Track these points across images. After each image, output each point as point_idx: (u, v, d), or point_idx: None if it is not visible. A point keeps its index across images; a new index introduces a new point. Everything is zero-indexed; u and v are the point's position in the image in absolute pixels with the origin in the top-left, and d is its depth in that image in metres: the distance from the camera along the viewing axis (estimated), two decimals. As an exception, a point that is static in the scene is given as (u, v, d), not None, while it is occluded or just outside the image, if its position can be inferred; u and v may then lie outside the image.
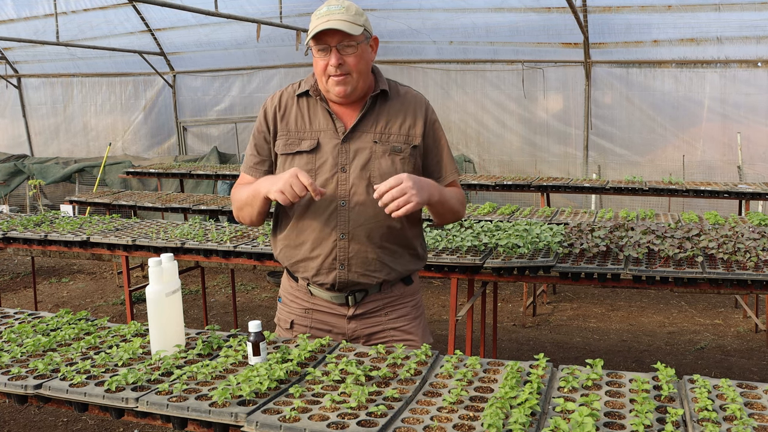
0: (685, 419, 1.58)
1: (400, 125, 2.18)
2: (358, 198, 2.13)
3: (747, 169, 8.01)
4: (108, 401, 1.76)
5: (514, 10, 8.23)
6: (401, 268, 2.23)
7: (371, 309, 2.23)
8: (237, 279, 7.34)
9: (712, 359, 4.98)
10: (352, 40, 2.05)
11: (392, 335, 2.25)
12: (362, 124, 2.16)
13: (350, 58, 2.07)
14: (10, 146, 12.52)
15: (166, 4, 7.30)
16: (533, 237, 3.51)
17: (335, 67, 2.05)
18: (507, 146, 9.36)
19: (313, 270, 2.18)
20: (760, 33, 7.59)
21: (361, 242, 2.14)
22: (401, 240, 2.21)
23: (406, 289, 2.29)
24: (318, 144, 2.15)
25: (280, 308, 2.37)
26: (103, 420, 4.12)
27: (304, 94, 2.21)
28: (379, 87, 2.18)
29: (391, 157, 2.14)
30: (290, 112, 2.20)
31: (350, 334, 2.24)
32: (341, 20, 2.02)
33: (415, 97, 2.24)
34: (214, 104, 11.07)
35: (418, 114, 2.20)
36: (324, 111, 2.17)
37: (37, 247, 4.42)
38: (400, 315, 2.26)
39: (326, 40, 2.05)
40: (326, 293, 2.22)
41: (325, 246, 2.15)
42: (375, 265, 2.17)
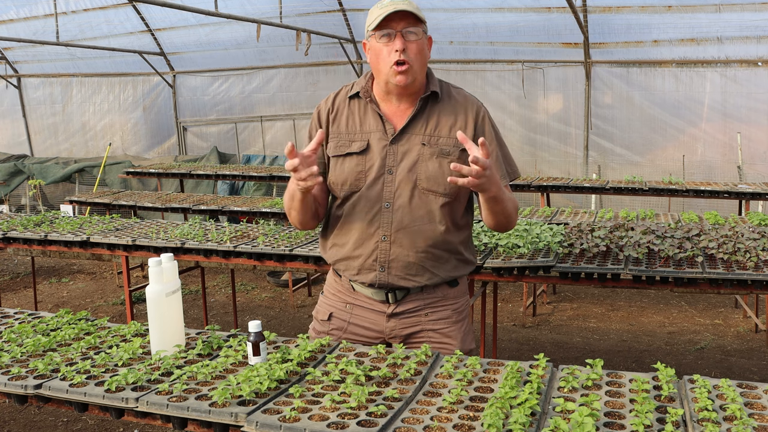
0: (685, 419, 1.58)
1: (450, 127, 2.14)
2: (402, 201, 2.11)
3: (747, 169, 8.01)
4: (108, 401, 1.76)
5: (514, 10, 8.23)
6: (444, 274, 2.18)
7: (411, 308, 2.20)
8: (237, 279, 7.34)
9: (712, 359, 4.98)
10: (417, 27, 2.05)
11: (430, 336, 2.21)
12: (412, 126, 2.14)
13: (413, 46, 2.05)
14: (10, 146, 12.52)
15: (166, 4, 7.30)
16: (533, 237, 3.51)
17: (400, 52, 2.03)
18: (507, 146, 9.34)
19: (355, 269, 2.17)
20: (760, 33, 7.58)
21: (402, 245, 2.12)
22: (446, 245, 2.16)
23: (450, 291, 2.23)
24: (368, 145, 2.14)
25: (321, 301, 2.35)
26: (103, 420, 4.11)
27: (355, 96, 2.20)
28: (430, 88, 2.16)
29: (438, 159, 2.11)
30: (342, 114, 2.20)
31: (388, 332, 2.22)
32: (409, 6, 2.03)
33: (467, 99, 2.21)
34: (214, 104, 11.07)
35: (469, 116, 2.17)
36: (374, 113, 2.16)
37: (37, 247, 4.42)
38: (441, 317, 2.21)
39: (392, 24, 2.03)
40: (368, 289, 2.20)
41: (366, 246, 2.14)
42: (415, 269, 2.14)
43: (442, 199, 2.11)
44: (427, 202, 2.11)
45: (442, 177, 2.08)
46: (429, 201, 2.11)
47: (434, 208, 2.11)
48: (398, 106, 2.16)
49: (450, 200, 2.13)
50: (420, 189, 2.10)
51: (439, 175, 2.09)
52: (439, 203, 2.11)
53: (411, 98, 2.15)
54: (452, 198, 2.13)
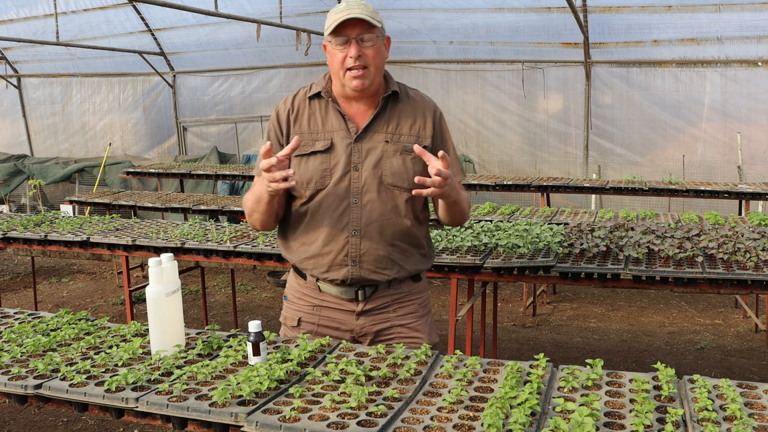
0: (685, 419, 1.58)
1: (410, 126, 2.22)
2: (370, 196, 2.16)
3: (747, 169, 8.01)
4: (108, 401, 1.76)
5: (514, 10, 8.23)
6: (410, 267, 2.26)
7: (380, 305, 2.25)
8: (237, 279, 7.34)
9: (712, 359, 4.98)
10: (372, 33, 2.10)
11: (399, 332, 2.27)
12: (374, 124, 2.20)
13: (369, 51, 2.10)
14: (10, 146, 12.52)
15: (166, 4, 7.30)
16: (533, 237, 3.51)
17: (354, 59, 2.08)
18: (507, 146, 9.35)
19: (325, 266, 2.20)
20: (760, 33, 7.58)
21: (372, 239, 2.17)
22: (411, 239, 2.24)
23: (414, 286, 2.31)
24: (332, 144, 2.18)
25: (287, 306, 2.37)
26: (103, 420, 4.12)
27: (316, 96, 2.24)
28: (390, 88, 2.22)
29: (402, 156, 2.18)
30: (303, 114, 2.23)
31: (358, 330, 2.26)
32: (362, 13, 2.07)
33: (424, 99, 2.29)
34: (214, 104, 11.07)
35: (428, 116, 2.25)
36: (336, 112, 2.21)
37: (37, 247, 4.42)
38: (408, 312, 2.29)
39: (346, 32, 2.09)
40: (335, 289, 2.23)
41: (337, 242, 2.18)
42: (385, 263, 2.20)
43: (406, 194, 2.18)
44: (393, 197, 2.18)
45: (406, 173, 2.16)
46: (395, 196, 2.18)
47: (400, 202, 2.19)
48: (359, 106, 2.22)
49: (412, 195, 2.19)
50: (385, 185, 2.17)
51: (403, 171, 2.17)
52: (404, 198, 2.19)
53: (370, 99, 2.21)
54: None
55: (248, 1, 8.93)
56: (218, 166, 8.46)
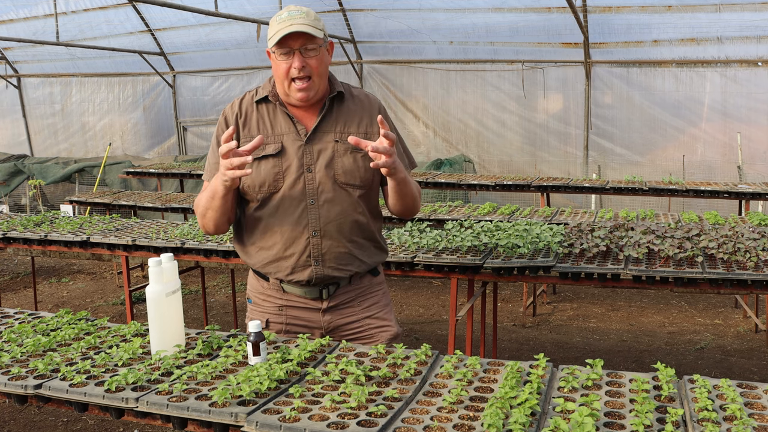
0: (685, 419, 1.58)
1: (357, 124, 2.26)
2: (326, 196, 2.20)
3: (747, 169, 8.01)
4: (108, 401, 1.76)
5: (514, 10, 8.23)
6: (369, 260, 2.32)
7: (344, 300, 2.31)
8: (237, 279, 7.34)
9: (712, 359, 4.98)
10: (314, 43, 2.12)
11: (368, 323, 2.33)
12: (322, 125, 2.23)
13: (312, 61, 2.13)
14: (10, 146, 12.52)
15: (166, 4, 7.30)
16: (533, 237, 3.51)
17: (298, 70, 2.11)
18: (507, 146, 9.36)
19: (288, 269, 2.23)
20: (760, 33, 7.58)
21: (332, 237, 2.22)
22: (367, 233, 2.30)
23: (374, 279, 2.39)
24: (282, 147, 2.21)
25: (251, 309, 2.40)
26: (103, 420, 4.12)
27: (263, 100, 2.26)
28: (335, 89, 2.25)
29: (352, 154, 2.22)
30: (251, 119, 2.25)
31: (326, 326, 2.31)
32: (304, 24, 2.09)
33: (368, 97, 2.34)
34: (214, 104, 11.07)
35: (374, 112, 2.29)
36: (284, 115, 2.23)
37: (37, 247, 4.42)
38: (373, 303, 2.36)
39: (289, 43, 2.11)
40: (300, 289, 2.27)
41: (298, 244, 2.21)
42: (347, 259, 2.25)
43: (359, 191, 2.24)
44: (347, 194, 2.22)
45: (358, 171, 2.21)
46: (349, 193, 2.23)
47: (354, 199, 2.24)
48: (305, 108, 2.24)
49: (365, 191, 2.26)
50: (339, 183, 2.21)
51: (354, 169, 2.21)
52: (357, 194, 2.24)
53: (317, 101, 2.23)
54: (367, 189, 2.28)
55: (248, 1, 8.93)
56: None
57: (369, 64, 9.89)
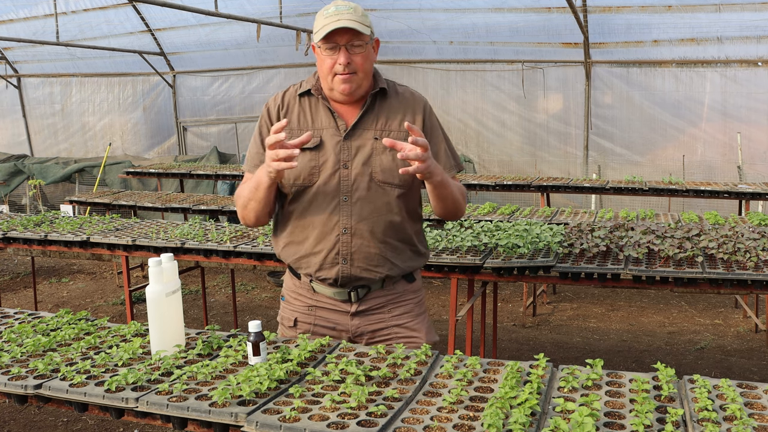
0: (685, 419, 1.58)
1: (399, 122, 2.21)
2: (360, 193, 2.16)
3: (747, 169, 8.01)
4: (108, 401, 1.76)
5: (514, 10, 8.23)
6: (403, 264, 2.25)
7: (374, 306, 2.25)
8: (237, 279, 7.34)
9: (712, 359, 4.98)
10: (360, 40, 2.09)
11: (396, 332, 2.26)
12: (363, 121, 2.20)
13: (357, 57, 2.10)
14: (10, 146, 12.52)
15: (166, 4, 7.30)
16: (533, 237, 3.51)
17: (343, 66, 2.08)
18: (507, 146, 9.36)
19: (316, 265, 2.19)
20: (760, 33, 7.58)
21: (363, 237, 2.16)
22: (402, 235, 2.23)
23: (409, 286, 2.31)
24: (321, 141, 2.18)
25: (283, 306, 2.38)
26: (103, 420, 4.12)
27: (306, 94, 2.24)
28: (378, 85, 2.22)
29: (392, 152, 2.16)
30: (293, 111, 2.23)
31: (353, 330, 2.26)
32: (351, 20, 2.06)
33: (413, 95, 2.29)
34: (214, 104, 11.07)
35: (417, 111, 2.24)
36: (325, 109, 2.21)
37: (37, 247, 4.42)
38: (404, 312, 2.28)
39: (335, 39, 2.08)
40: (329, 289, 2.23)
41: (327, 241, 2.17)
42: (377, 260, 2.19)
43: (398, 190, 2.19)
44: (383, 193, 2.17)
45: (396, 169, 2.14)
46: (386, 192, 2.18)
47: (391, 199, 2.18)
48: (347, 103, 2.22)
49: (405, 191, 2.21)
50: (376, 182, 2.17)
51: (393, 167, 2.16)
52: (395, 194, 2.19)
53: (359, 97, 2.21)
54: (407, 189, 2.21)
55: (248, 1, 8.93)
56: (218, 166, 8.46)
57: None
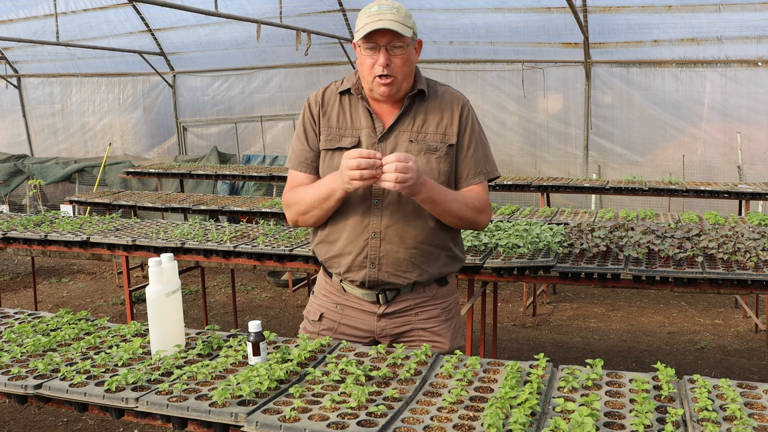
0: (685, 419, 1.58)
1: (437, 124, 2.19)
2: (391, 197, 2.13)
3: (747, 169, 8.01)
4: (108, 401, 1.76)
5: (514, 10, 8.23)
6: (434, 270, 2.22)
7: (402, 308, 2.23)
8: (237, 279, 7.34)
9: (712, 359, 4.98)
10: (401, 41, 2.06)
11: (420, 335, 2.24)
12: (399, 123, 2.17)
13: (397, 59, 2.08)
14: (10, 146, 12.52)
15: (166, 4, 7.30)
16: (533, 237, 3.51)
17: (383, 67, 2.06)
18: (507, 146, 9.36)
19: (345, 266, 2.19)
20: (760, 33, 7.58)
21: (392, 242, 2.14)
22: (435, 241, 2.19)
23: (439, 290, 2.27)
24: (359, 142, 2.17)
25: (311, 301, 2.37)
26: (103, 420, 4.11)
27: (346, 92, 2.22)
28: (417, 87, 2.18)
29: (426, 156, 2.15)
30: (332, 109, 2.22)
31: (378, 332, 2.25)
32: (393, 20, 2.03)
33: (453, 96, 2.24)
34: (214, 104, 11.07)
35: (455, 112, 2.21)
36: (364, 109, 2.19)
37: (37, 247, 4.42)
38: (431, 316, 2.25)
39: (376, 39, 2.05)
40: (358, 290, 2.23)
41: (356, 243, 2.16)
42: (406, 266, 2.17)
43: None
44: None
45: (431, 173, 2.12)
46: None
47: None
48: (387, 104, 2.20)
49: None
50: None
51: (427, 171, 2.12)
52: None
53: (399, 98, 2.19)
54: None
55: (248, 1, 8.93)
56: (218, 166, 8.46)
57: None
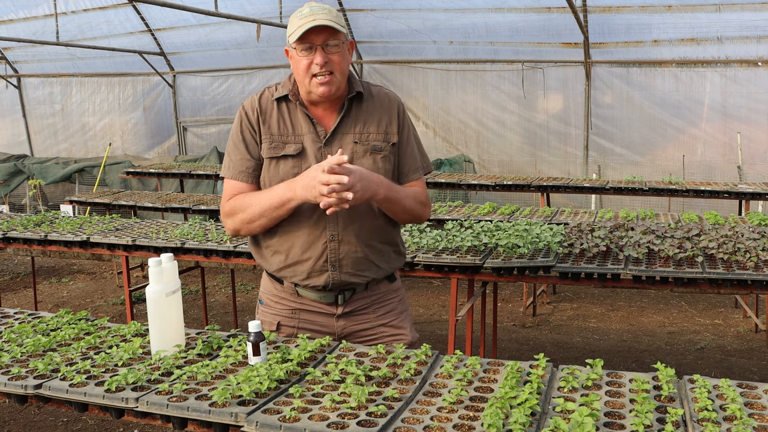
0: (685, 419, 1.58)
1: (377, 124, 2.22)
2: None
3: (747, 169, 8.01)
4: (108, 401, 1.76)
5: (514, 10, 8.24)
6: (387, 266, 2.27)
7: (359, 307, 2.26)
8: (237, 279, 7.34)
9: (712, 359, 4.98)
10: (337, 39, 2.09)
11: (382, 331, 2.29)
12: (341, 126, 2.19)
13: (335, 57, 2.09)
14: (10, 146, 12.53)
15: (166, 4, 7.30)
16: (533, 237, 3.51)
17: (320, 66, 2.07)
18: (507, 146, 9.36)
19: (304, 273, 2.19)
20: (760, 33, 7.59)
21: (350, 242, 2.17)
22: (386, 238, 2.25)
23: (391, 285, 2.33)
24: (302, 148, 2.17)
25: (263, 311, 2.35)
26: (103, 420, 4.12)
27: (284, 99, 2.21)
28: (354, 89, 2.20)
29: (372, 156, 2.18)
30: (271, 116, 2.20)
31: (339, 332, 2.27)
32: (327, 19, 2.05)
33: (388, 96, 2.28)
34: (214, 104, 11.08)
35: (393, 112, 2.25)
36: (304, 115, 2.19)
37: (37, 247, 4.42)
38: (388, 311, 2.31)
39: (311, 38, 2.07)
40: (315, 294, 2.23)
41: (315, 249, 2.16)
42: (364, 265, 2.20)
43: None
44: None
45: (377, 172, 2.14)
46: None
47: (373, 203, 2.16)
48: (325, 109, 2.20)
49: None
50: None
51: (374, 170, 2.14)
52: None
53: (336, 101, 2.20)
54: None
55: (248, 1, 8.94)
56: (218, 166, 8.45)
57: (369, 64, 9.89)
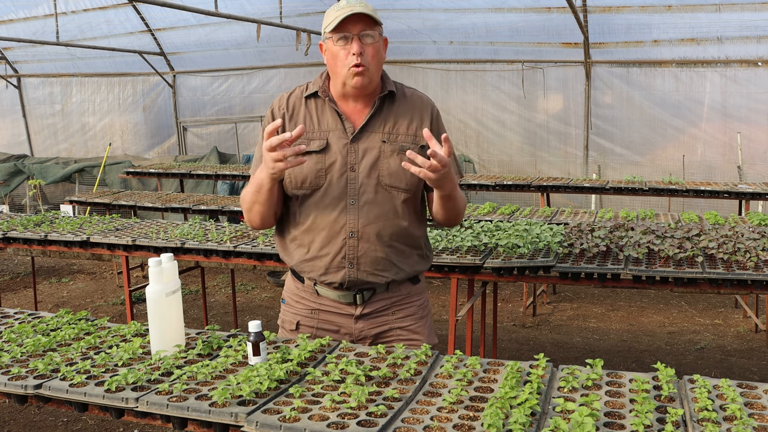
0: (685, 419, 1.58)
1: (407, 126, 2.20)
2: (367, 197, 2.14)
3: (747, 169, 8.01)
4: (108, 401, 1.76)
5: (514, 10, 8.23)
6: (409, 269, 2.24)
7: (378, 308, 2.24)
8: (237, 279, 7.34)
9: (712, 359, 4.98)
10: (373, 30, 2.09)
11: (398, 335, 2.26)
12: (370, 124, 2.18)
13: (370, 49, 2.09)
14: (10, 146, 12.52)
15: (166, 4, 7.30)
16: (533, 237, 3.51)
17: (357, 56, 2.06)
18: (507, 146, 9.36)
19: (322, 269, 2.18)
20: (760, 33, 7.59)
21: (370, 241, 2.15)
22: (409, 240, 2.22)
23: (413, 288, 2.29)
24: (327, 144, 2.16)
25: (284, 310, 2.36)
26: (103, 420, 4.12)
27: (313, 96, 2.22)
28: (386, 88, 2.20)
29: (399, 156, 2.15)
30: (299, 113, 2.21)
31: (357, 334, 2.24)
32: (365, 9, 2.06)
33: (421, 99, 2.27)
34: (214, 104, 11.08)
35: (425, 115, 2.23)
36: (332, 111, 2.19)
37: (37, 247, 4.42)
38: (407, 314, 2.27)
39: (348, 28, 2.06)
40: (333, 293, 2.22)
41: (334, 244, 2.16)
42: (383, 264, 2.18)
43: (404, 195, 2.17)
44: (390, 197, 2.16)
45: (404, 173, 2.13)
46: (392, 196, 2.16)
47: (397, 203, 2.16)
48: (355, 105, 2.20)
49: (410, 195, 2.19)
50: (383, 185, 2.15)
51: (400, 171, 2.13)
52: (401, 198, 2.17)
53: (367, 98, 2.19)
54: (412, 193, 2.19)
55: (248, 1, 8.93)
56: (218, 166, 8.46)
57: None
